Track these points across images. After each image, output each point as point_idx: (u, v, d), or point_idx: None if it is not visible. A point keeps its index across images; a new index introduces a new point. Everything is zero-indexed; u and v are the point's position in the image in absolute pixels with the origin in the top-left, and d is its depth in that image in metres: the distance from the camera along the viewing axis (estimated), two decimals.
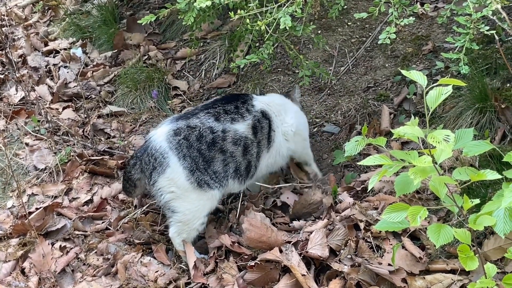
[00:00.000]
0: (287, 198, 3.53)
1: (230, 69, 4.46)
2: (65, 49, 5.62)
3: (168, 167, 3.08)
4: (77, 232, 3.49)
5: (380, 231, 2.94)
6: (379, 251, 2.92)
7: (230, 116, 3.21)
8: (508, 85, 3.53)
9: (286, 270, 2.91)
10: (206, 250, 3.28)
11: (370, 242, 2.96)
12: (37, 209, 3.64)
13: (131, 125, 4.66)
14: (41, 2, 6.46)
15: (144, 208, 3.58)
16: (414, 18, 3.11)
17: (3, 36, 5.67)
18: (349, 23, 4.74)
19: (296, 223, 3.24)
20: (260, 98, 3.50)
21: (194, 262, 3.10)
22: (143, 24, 3.60)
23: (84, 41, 5.70)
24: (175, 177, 3.09)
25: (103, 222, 3.60)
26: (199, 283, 3.04)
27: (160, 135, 3.14)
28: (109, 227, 3.55)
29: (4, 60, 5.39)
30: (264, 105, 3.40)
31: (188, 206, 3.15)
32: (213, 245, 3.24)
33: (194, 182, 3.10)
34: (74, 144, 4.23)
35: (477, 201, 2.15)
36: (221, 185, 3.18)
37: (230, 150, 3.17)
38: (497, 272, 2.29)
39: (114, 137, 4.50)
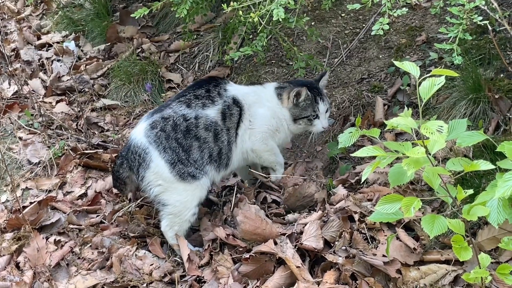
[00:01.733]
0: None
1: (224, 62, 4.45)
2: (58, 42, 5.61)
3: (151, 162, 3.11)
4: (71, 226, 3.48)
5: (375, 223, 2.94)
6: (374, 242, 2.93)
7: (201, 101, 3.20)
8: (501, 75, 3.53)
9: (281, 262, 2.90)
10: (200, 242, 3.28)
11: (365, 234, 2.96)
12: (31, 203, 3.63)
13: (125, 119, 4.65)
14: None
15: (138, 201, 3.58)
16: (407, 9, 3.10)
17: None
18: (342, 15, 4.73)
19: (290, 216, 3.24)
20: (238, 86, 3.47)
21: (188, 255, 3.10)
22: (136, 17, 3.59)
23: (77, 35, 5.68)
24: (159, 171, 3.11)
25: (97, 216, 3.59)
26: (194, 275, 3.04)
27: (139, 131, 3.16)
28: (104, 221, 3.54)
29: None
30: (239, 93, 3.34)
31: (177, 197, 3.15)
32: (208, 237, 3.23)
33: (176, 175, 3.11)
34: (67, 138, 4.22)
35: (470, 191, 2.16)
36: (203, 173, 3.17)
37: (203, 136, 3.16)
38: (491, 262, 2.30)
39: (108, 130, 4.49)
